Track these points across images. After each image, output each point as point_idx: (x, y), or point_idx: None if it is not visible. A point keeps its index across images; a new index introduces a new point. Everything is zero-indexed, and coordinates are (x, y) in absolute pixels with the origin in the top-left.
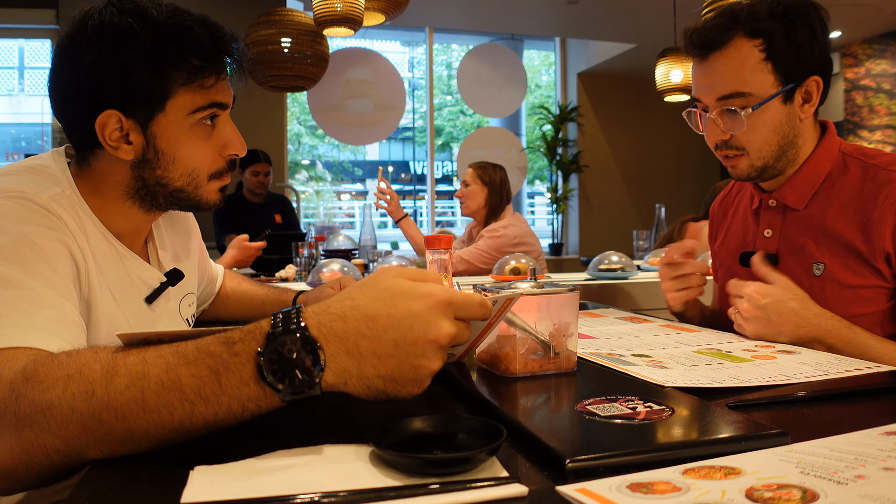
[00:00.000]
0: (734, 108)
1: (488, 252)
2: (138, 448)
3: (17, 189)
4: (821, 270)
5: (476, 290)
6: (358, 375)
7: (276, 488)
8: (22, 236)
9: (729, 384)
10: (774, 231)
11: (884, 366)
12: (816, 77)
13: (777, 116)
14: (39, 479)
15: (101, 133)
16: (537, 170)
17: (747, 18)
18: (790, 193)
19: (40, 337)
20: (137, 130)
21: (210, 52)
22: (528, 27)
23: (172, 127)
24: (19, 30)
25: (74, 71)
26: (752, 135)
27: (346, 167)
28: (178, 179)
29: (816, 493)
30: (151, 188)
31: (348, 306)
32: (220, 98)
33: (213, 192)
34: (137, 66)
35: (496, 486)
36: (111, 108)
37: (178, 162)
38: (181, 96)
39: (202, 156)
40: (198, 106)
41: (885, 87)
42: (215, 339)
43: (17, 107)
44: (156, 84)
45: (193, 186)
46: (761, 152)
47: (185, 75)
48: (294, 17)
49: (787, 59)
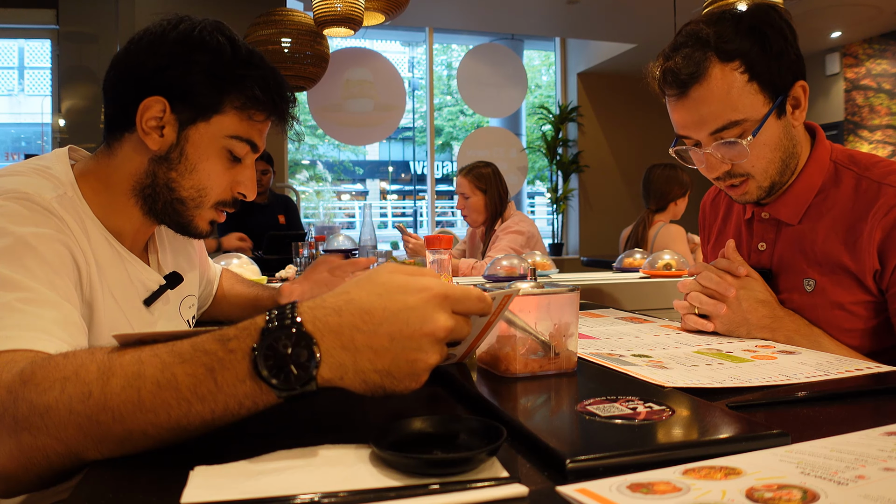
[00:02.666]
0: (732, 140)
1: (518, 250)
2: (137, 448)
3: (20, 190)
4: (812, 286)
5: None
6: (354, 370)
7: (276, 489)
8: (24, 238)
9: (729, 384)
10: (768, 245)
11: (884, 366)
12: (802, 82)
13: (776, 134)
14: (39, 482)
15: (140, 114)
16: (537, 170)
17: (717, 42)
18: (784, 209)
19: (40, 339)
20: (174, 127)
21: (271, 92)
22: (528, 27)
23: (206, 139)
24: (19, 30)
25: (149, 52)
26: (756, 159)
27: (346, 167)
28: (186, 189)
29: (817, 494)
30: (158, 189)
31: (343, 300)
32: (257, 139)
33: (206, 219)
34: (207, 70)
35: (496, 487)
36: (162, 95)
37: (195, 173)
38: (229, 116)
39: (217, 179)
40: (239, 134)
41: (885, 87)
42: (210, 336)
43: (17, 107)
44: (214, 94)
45: (195, 204)
46: (767, 172)
47: (242, 100)
48: (294, 16)
49: (770, 73)
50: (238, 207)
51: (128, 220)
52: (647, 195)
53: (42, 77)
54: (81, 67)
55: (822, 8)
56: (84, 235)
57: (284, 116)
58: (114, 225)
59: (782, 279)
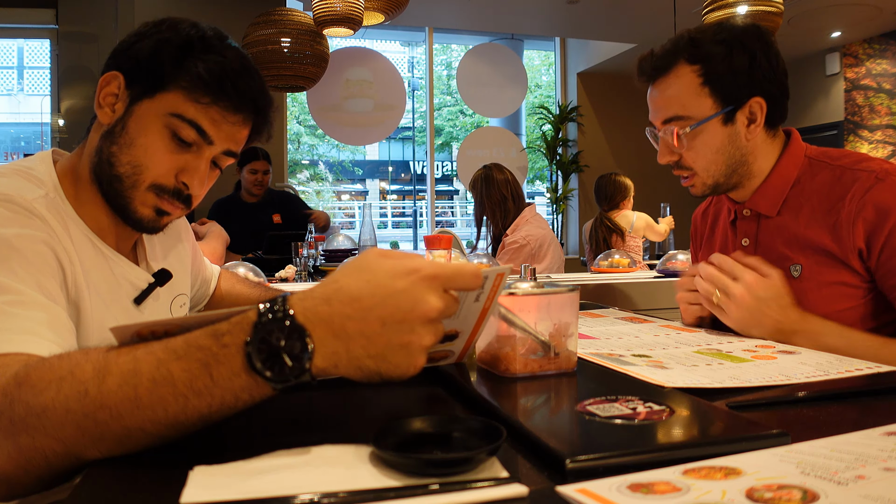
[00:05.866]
0: (675, 132)
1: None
2: (136, 446)
3: (2, 192)
4: (798, 271)
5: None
6: (347, 357)
7: (276, 488)
8: (7, 240)
9: (729, 384)
10: (751, 239)
11: (884, 366)
12: (759, 98)
13: (717, 137)
14: (39, 484)
15: (99, 89)
16: (537, 170)
17: (687, 45)
18: (762, 202)
19: (30, 341)
20: (125, 102)
21: (226, 79)
22: (528, 27)
23: (150, 115)
24: (19, 30)
25: (125, 38)
26: (696, 155)
27: (346, 167)
28: (123, 165)
29: (817, 494)
30: (103, 164)
31: (332, 289)
32: (208, 127)
33: (146, 204)
34: (158, 46)
35: (496, 487)
36: (119, 70)
37: (132, 147)
38: (174, 94)
39: (156, 158)
40: (183, 113)
41: (885, 87)
42: (203, 332)
43: (17, 107)
44: (159, 69)
45: (131, 183)
46: (709, 171)
47: (188, 79)
48: (294, 16)
49: (723, 83)
50: (188, 204)
51: (101, 211)
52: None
53: (41, 77)
54: (81, 67)
55: (822, 8)
56: (67, 236)
57: (241, 108)
58: (95, 223)
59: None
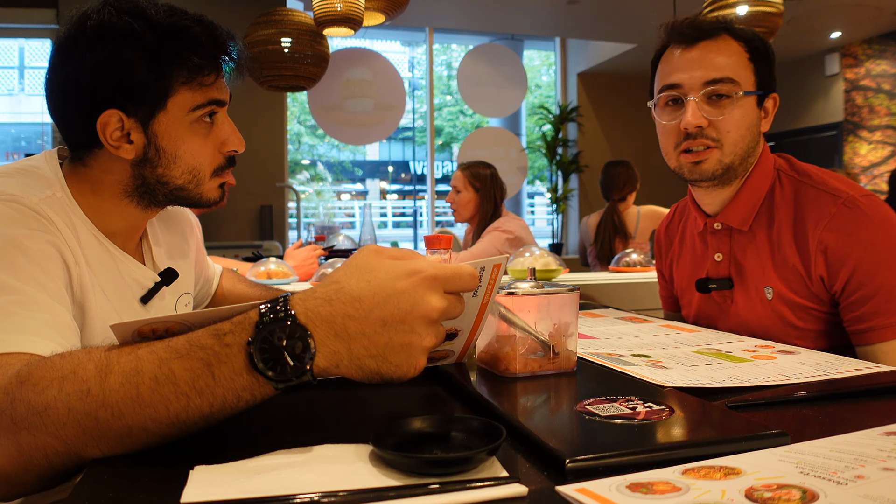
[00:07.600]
0: (722, 93)
1: (501, 250)
2: (137, 444)
3: (7, 192)
4: (771, 294)
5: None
6: (349, 357)
7: (276, 488)
8: (12, 240)
9: (729, 384)
10: (724, 255)
11: (883, 366)
12: (776, 95)
13: (751, 115)
14: (40, 482)
15: (102, 133)
16: (537, 170)
17: (730, 26)
18: (733, 216)
19: (33, 341)
20: (139, 129)
21: (209, 50)
22: (528, 27)
23: (173, 125)
24: (19, 30)
25: (74, 71)
26: (731, 125)
27: (346, 167)
28: (179, 177)
29: (816, 494)
30: (152, 186)
31: (333, 290)
32: (218, 95)
33: (213, 189)
34: (138, 65)
35: (496, 486)
36: (112, 107)
37: (179, 160)
38: (182, 94)
39: (203, 153)
40: (198, 103)
41: (885, 88)
42: (205, 331)
43: (17, 106)
44: (157, 82)
45: (195, 184)
46: (736, 146)
47: (186, 73)
48: (294, 16)
49: (762, 66)
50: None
51: (121, 218)
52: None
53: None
54: None
55: (822, 8)
56: (73, 236)
57: (233, 63)
58: (105, 224)
59: (742, 289)
